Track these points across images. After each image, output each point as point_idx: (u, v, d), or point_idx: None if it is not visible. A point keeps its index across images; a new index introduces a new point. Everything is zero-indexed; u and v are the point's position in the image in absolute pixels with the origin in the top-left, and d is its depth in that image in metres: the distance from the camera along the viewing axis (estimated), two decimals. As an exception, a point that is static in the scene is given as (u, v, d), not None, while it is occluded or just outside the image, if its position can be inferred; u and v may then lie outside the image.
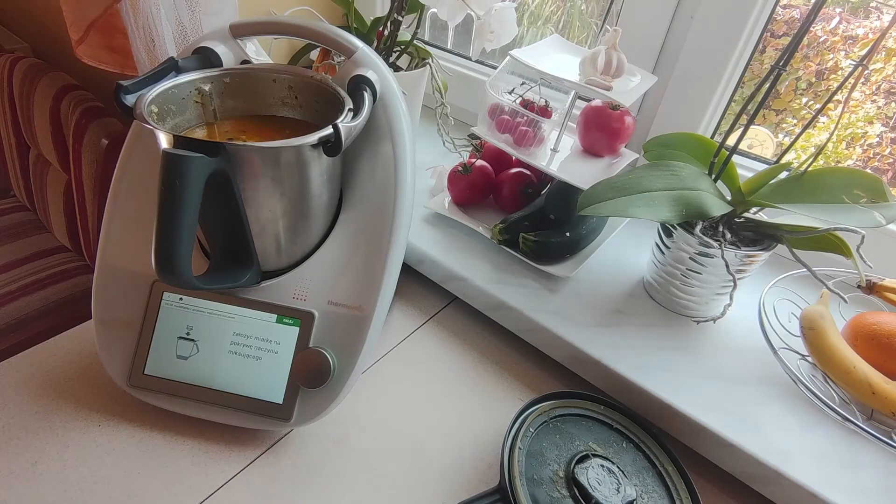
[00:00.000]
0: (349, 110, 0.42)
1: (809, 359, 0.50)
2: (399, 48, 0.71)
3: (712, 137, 0.69)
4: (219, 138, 0.45)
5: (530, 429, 0.46)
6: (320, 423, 0.48)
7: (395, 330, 0.61)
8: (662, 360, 0.52)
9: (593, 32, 1.12)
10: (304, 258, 0.47)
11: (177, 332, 0.46)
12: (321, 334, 0.45)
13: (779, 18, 0.86)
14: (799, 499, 0.43)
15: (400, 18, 0.63)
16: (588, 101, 0.65)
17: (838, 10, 0.90)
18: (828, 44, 0.92)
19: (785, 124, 0.95)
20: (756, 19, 0.61)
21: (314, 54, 0.81)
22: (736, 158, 0.59)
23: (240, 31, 0.47)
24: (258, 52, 0.52)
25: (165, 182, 0.34)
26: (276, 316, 0.46)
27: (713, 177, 0.53)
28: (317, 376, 0.44)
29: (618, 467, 0.43)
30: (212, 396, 0.45)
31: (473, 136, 0.69)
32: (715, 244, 0.50)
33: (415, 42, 0.70)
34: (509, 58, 0.59)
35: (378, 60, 0.47)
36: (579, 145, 0.66)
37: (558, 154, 0.64)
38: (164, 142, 0.35)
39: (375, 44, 0.68)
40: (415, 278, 0.66)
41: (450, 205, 0.68)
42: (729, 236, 0.50)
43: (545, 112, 0.65)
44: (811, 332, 0.50)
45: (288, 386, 0.45)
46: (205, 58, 0.45)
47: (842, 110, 0.46)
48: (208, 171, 0.35)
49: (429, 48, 0.73)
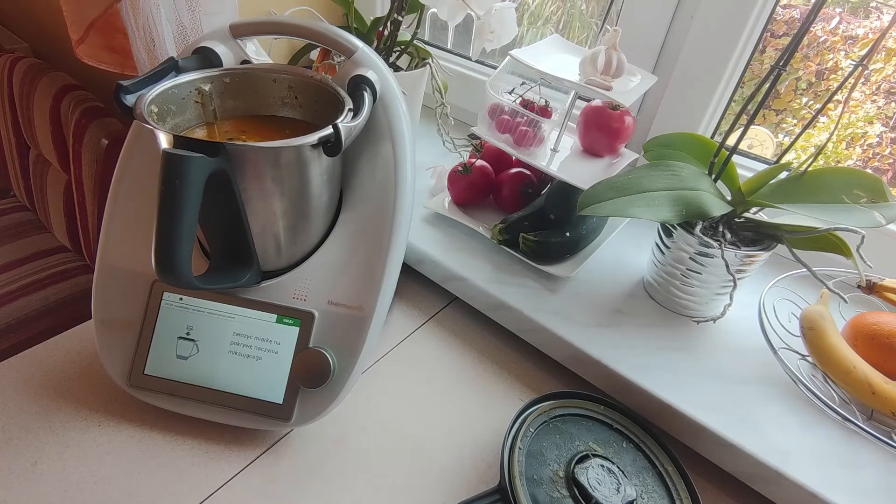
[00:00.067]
0: (349, 110, 0.42)
1: (809, 359, 0.50)
2: (399, 48, 0.71)
3: (712, 137, 0.69)
4: (219, 138, 0.45)
5: (530, 429, 0.46)
6: (320, 423, 0.48)
7: (395, 330, 0.61)
8: (662, 360, 0.52)
9: (593, 32, 1.12)
10: (304, 258, 0.47)
11: (177, 332, 0.46)
12: (321, 334, 0.46)
13: (779, 18, 0.86)
14: (799, 499, 0.43)
15: (400, 18, 0.63)
16: (588, 101, 0.65)
17: (838, 10, 0.90)
18: (828, 44, 0.92)
19: (785, 124, 0.95)
20: (756, 19, 0.61)
21: (314, 54, 0.81)
22: (736, 158, 0.59)
23: (240, 31, 0.47)
24: (258, 52, 0.52)
25: (165, 182, 0.34)
26: (276, 316, 0.46)
27: (713, 177, 0.53)
28: (317, 376, 0.44)
29: (618, 467, 0.43)
30: (212, 396, 0.45)
31: (473, 136, 0.69)
32: (715, 244, 0.50)
33: (415, 42, 0.70)
34: (509, 58, 0.59)
35: (378, 60, 0.47)
36: (579, 145, 0.66)
37: (558, 154, 0.64)
38: (164, 142, 0.35)
39: (375, 44, 0.68)
40: (415, 278, 0.66)
41: (450, 205, 0.68)
42: (729, 236, 0.50)
43: (545, 112, 0.65)
44: (811, 332, 0.50)
45: (288, 386, 0.45)
46: (205, 58, 0.45)
47: (842, 110, 0.46)
48: (208, 171, 0.35)
49: (429, 48, 0.73)
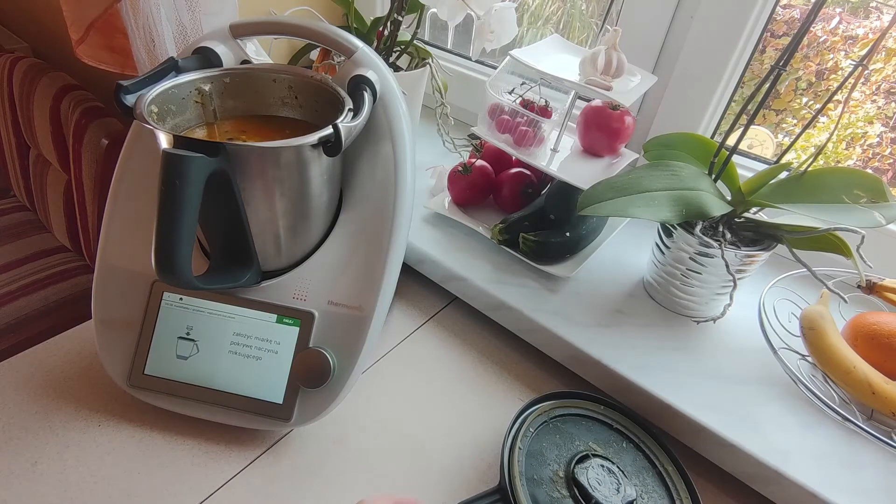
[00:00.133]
0: (349, 110, 0.42)
1: (809, 359, 0.50)
2: (399, 48, 0.71)
3: (712, 137, 0.69)
4: (219, 138, 0.45)
5: (530, 429, 0.46)
6: (320, 423, 0.48)
7: (395, 330, 0.61)
8: (662, 360, 0.52)
9: (593, 32, 1.12)
10: (304, 258, 0.47)
11: (177, 332, 0.46)
12: (321, 334, 0.46)
13: (779, 18, 0.86)
14: (799, 499, 0.43)
15: (400, 18, 0.63)
16: (588, 101, 0.65)
17: (838, 10, 0.90)
18: (828, 44, 0.92)
19: (785, 124, 0.95)
20: (756, 19, 0.61)
21: (314, 54, 0.81)
22: (736, 158, 0.59)
23: (240, 31, 0.47)
24: (258, 52, 0.52)
25: (165, 182, 0.34)
26: (276, 316, 0.46)
27: (713, 177, 0.53)
28: (317, 376, 0.44)
29: (618, 467, 0.43)
30: (212, 396, 0.45)
31: (473, 136, 0.69)
32: (715, 244, 0.50)
33: (415, 42, 0.70)
34: (509, 58, 0.59)
35: (378, 60, 0.47)
36: (579, 145, 0.66)
37: (558, 154, 0.64)
38: (164, 142, 0.35)
39: (375, 44, 0.68)
40: (415, 278, 0.66)
41: (450, 205, 0.68)
42: (729, 236, 0.50)
43: (545, 112, 0.65)
44: (811, 332, 0.50)
45: (288, 386, 0.45)
46: (205, 58, 0.45)
47: (842, 110, 0.46)
48: (208, 171, 0.35)
49: (429, 48, 0.73)
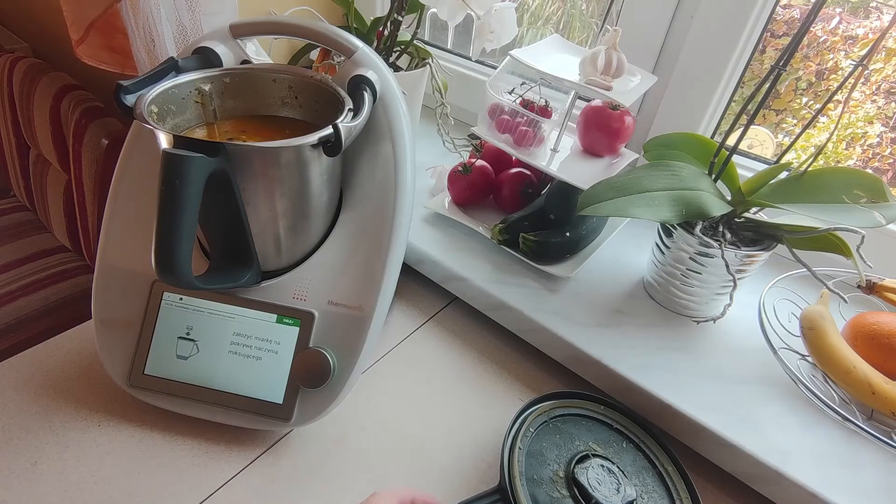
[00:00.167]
0: (349, 110, 0.42)
1: (809, 359, 0.50)
2: (399, 48, 0.71)
3: (712, 137, 0.69)
4: (219, 138, 0.45)
5: (530, 429, 0.46)
6: (320, 423, 0.48)
7: (395, 330, 0.61)
8: (662, 360, 0.52)
9: (593, 32, 1.12)
10: (304, 258, 0.47)
11: (177, 332, 0.46)
12: (321, 334, 0.46)
13: (779, 18, 0.86)
14: (799, 499, 0.43)
15: (400, 18, 0.63)
16: (588, 101, 0.65)
17: (838, 10, 0.90)
18: (828, 44, 0.92)
19: (785, 124, 0.95)
20: (756, 19, 0.61)
21: (314, 54, 0.81)
22: (736, 158, 0.59)
23: (240, 31, 0.47)
24: (258, 52, 0.52)
25: (165, 182, 0.34)
26: (276, 316, 0.46)
27: (713, 177, 0.53)
28: (317, 376, 0.44)
29: (618, 467, 0.43)
30: (212, 396, 0.45)
31: (473, 136, 0.69)
32: (715, 244, 0.50)
33: (415, 42, 0.70)
34: (509, 58, 0.59)
35: (378, 60, 0.47)
36: (579, 145, 0.66)
37: (558, 154, 0.64)
38: (164, 142, 0.35)
39: (375, 44, 0.68)
40: (415, 278, 0.66)
41: (450, 205, 0.68)
42: (729, 236, 0.50)
43: (545, 112, 0.65)
44: (811, 332, 0.50)
45: (288, 386, 0.45)
46: (205, 58, 0.45)
47: (842, 110, 0.46)
48: (208, 171, 0.35)
49: (429, 48, 0.73)
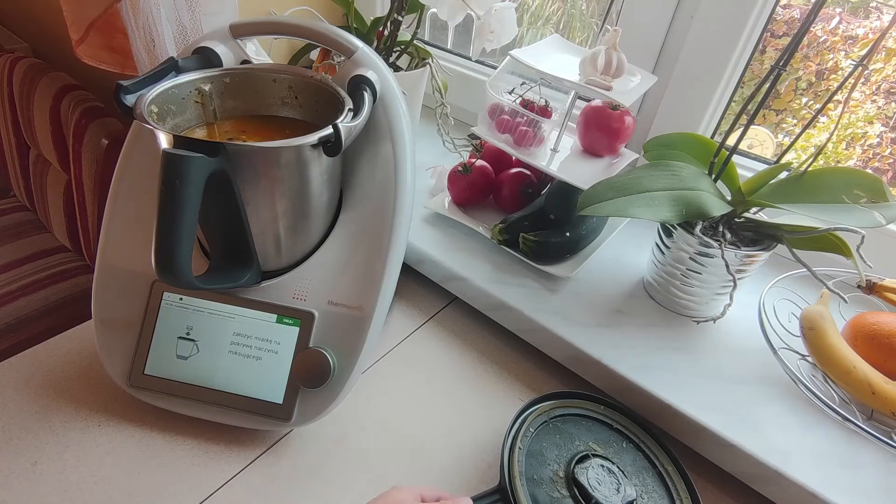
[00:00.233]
0: (349, 110, 0.42)
1: (809, 359, 0.50)
2: (399, 48, 0.71)
3: (712, 137, 0.69)
4: (219, 138, 0.45)
5: (530, 429, 0.46)
6: (320, 423, 0.48)
7: (395, 330, 0.61)
8: (662, 360, 0.52)
9: (593, 32, 1.12)
10: (304, 258, 0.47)
11: (177, 332, 0.46)
12: (321, 334, 0.46)
13: (779, 18, 0.85)
14: (799, 499, 0.43)
15: (400, 18, 0.63)
16: (588, 101, 0.65)
17: (838, 10, 0.90)
18: (828, 44, 0.92)
19: (785, 124, 0.95)
20: (756, 19, 0.61)
21: (314, 54, 0.81)
22: (736, 158, 0.59)
23: (240, 31, 0.47)
24: (258, 52, 0.52)
25: (165, 182, 0.34)
26: (276, 316, 0.46)
27: (713, 177, 0.53)
28: (317, 376, 0.44)
29: (618, 467, 0.43)
30: (212, 396, 0.45)
31: (473, 136, 0.69)
32: (715, 244, 0.50)
33: (415, 42, 0.70)
34: (509, 58, 0.59)
35: (378, 60, 0.47)
36: (579, 145, 0.66)
37: (558, 154, 0.64)
38: (164, 142, 0.35)
39: (375, 44, 0.68)
40: (415, 278, 0.66)
41: (450, 205, 0.68)
42: (729, 236, 0.50)
43: (545, 112, 0.65)
44: (811, 332, 0.50)
45: (288, 386, 0.45)
46: (205, 58, 0.45)
47: (842, 110, 0.46)
48: (208, 171, 0.35)
49: (429, 48, 0.73)
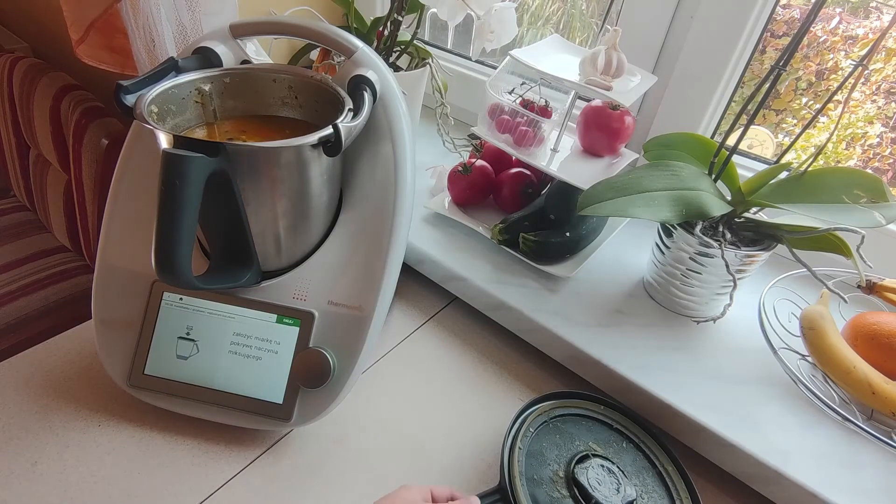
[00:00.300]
0: (349, 110, 0.42)
1: (809, 359, 0.50)
2: (399, 48, 0.71)
3: (712, 137, 0.69)
4: (219, 138, 0.45)
5: (530, 429, 0.46)
6: (320, 423, 0.48)
7: (395, 330, 0.61)
8: (662, 360, 0.52)
9: (593, 32, 1.12)
10: (304, 258, 0.47)
11: (177, 332, 0.46)
12: (321, 334, 0.46)
13: (779, 18, 0.85)
14: (799, 499, 0.43)
15: (400, 18, 0.63)
16: (588, 101, 0.65)
17: (838, 10, 0.90)
18: (828, 44, 0.92)
19: (785, 124, 0.95)
20: (756, 19, 0.61)
21: (314, 54, 0.81)
22: (736, 158, 0.59)
23: (240, 31, 0.47)
24: (258, 52, 0.52)
25: (165, 182, 0.34)
26: (276, 316, 0.46)
27: (713, 177, 0.53)
28: (317, 376, 0.44)
29: (618, 467, 0.43)
30: (212, 396, 0.45)
31: (473, 136, 0.69)
32: (715, 244, 0.50)
33: (415, 42, 0.70)
34: (509, 58, 0.59)
35: (378, 60, 0.47)
36: (579, 145, 0.66)
37: (558, 154, 0.64)
38: (164, 142, 0.35)
39: (375, 44, 0.68)
40: (415, 278, 0.66)
41: (450, 205, 0.68)
42: (729, 236, 0.50)
43: (545, 112, 0.65)
44: (811, 332, 0.50)
45: (288, 386, 0.45)
46: (205, 58, 0.45)
47: (842, 110, 0.46)
48: (208, 171, 0.35)
49: (429, 48, 0.73)
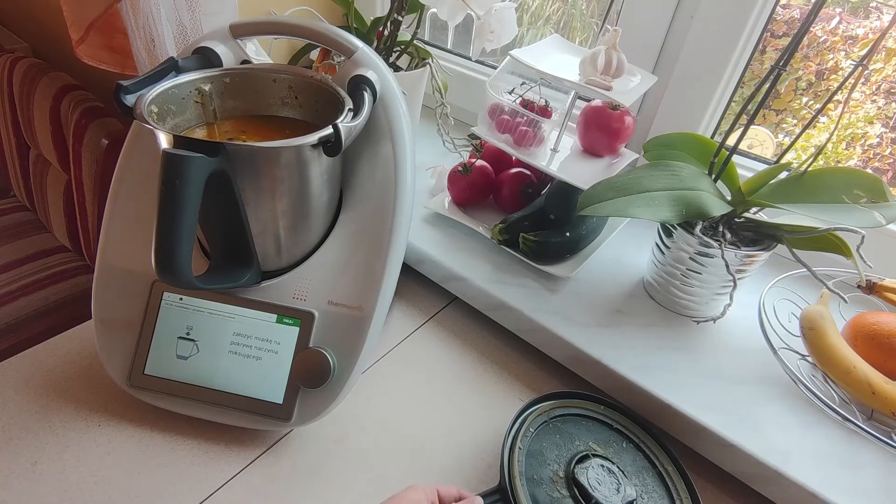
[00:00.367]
0: (349, 110, 0.42)
1: (809, 359, 0.50)
2: (399, 48, 0.71)
3: (712, 137, 0.69)
4: (219, 138, 0.45)
5: (530, 429, 0.46)
6: (320, 423, 0.48)
7: (395, 330, 0.61)
8: (662, 360, 0.52)
9: (593, 32, 1.12)
10: (304, 258, 0.47)
11: (177, 332, 0.46)
12: (321, 334, 0.46)
13: (779, 18, 0.85)
14: (799, 499, 0.43)
15: (400, 18, 0.63)
16: (588, 101, 0.65)
17: (838, 10, 0.90)
18: (828, 44, 0.92)
19: (785, 124, 0.95)
20: (756, 19, 0.61)
21: (314, 54, 0.81)
22: (736, 158, 0.59)
23: (240, 31, 0.47)
24: (258, 52, 0.52)
25: (165, 182, 0.34)
26: (276, 316, 0.46)
27: (713, 177, 0.53)
28: (317, 376, 0.44)
29: (618, 467, 0.43)
30: (212, 396, 0.45)
31: (473, 136, 0.69)
32: (715, 244, 0.50)
33: (415, 42, 0.70)
34: (509, 58, 0.59)
35: (378, 60, 0.47)
36: (579, 145, 0.66)
37: (558, 154, 0.64)
38: (164, 142, 0.35)
39: (375, 44, 0.68)
40: (415, 278, 0.66)
41: (450, 205, 0.68)
42: (729, 236, 0.50)
43: (545, 112, 0.65)
44: (811, 332, 0.50)
45: (288, 386, 0.45)
46: (205, 58, 0.45)
47: (842, 110, 0.46)
48: (208, 171, 0.35)
49: (429, 48, 0.73)
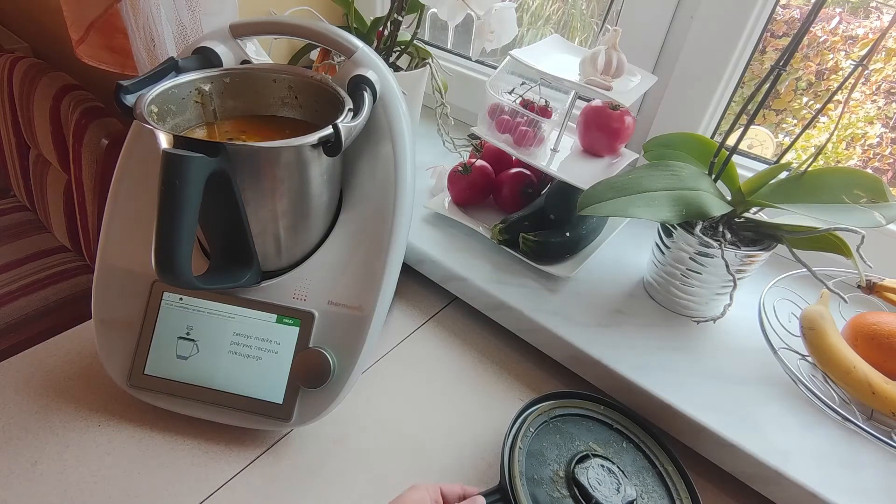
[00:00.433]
0: (349, 110, 0.42)
1: (809, 359, 0.50)
2: (399, 48, 0.71)
3: (712, 137, 0.69)
4: (219, 138, 0.45)
5: (530, 429, 0.46)
6: (320, 423, 0.48)
7: (395, 330, 0.61)
8: (662, 360, 0.52)
9: (593, 32, 1.12)
10: (304, 258, 0.47)
11: (177, 332, 0.46)
12: (321, 334, 0.46)
13: (779, 18, 0.85)
14: (799, 499, 0.43)
15: (400, 18, 0.63)
16: (588, 101, 0.65)
17: (838, 10, 0.90)
18: (828, 44, 0.92)
19: (785, 124, 0.95)
20: (756, 19, 0.61)
21: (314, 54, 0.81)
22: (736, 158, 0.59)
23: (240, 31, 0.47)
24: (258, 52, 0.52)
25: (165, 182, 0.34)
26: (276, 316, 0.46)
27: (713, 177, 0.53)
28: (317, 376, 0.44)
29: (618, 467, 0.43)
30: (212, 396, 0.45)
31: (473, 136, 0.69)
32: (715, 244, 0.50)
33: (415, 42, 0.70)
34: (509, 58, 0.59)
35: (378, 60, 0.47)
36: (579, 145, 0.66)
37: (558, 154, 0.64)
38: (164, 142, 0.35)
39: (375, 44, 0.68)
40: (415, 278, 0.66)
41: (450, 205, 0.68)
42: (729, 236, 0.50)
43: (545, 112, 0.65)
44: (811, 332, 0.50)
45: (288, 386, 0.45)
46: (205, 58, 0.45)
47: (842, 110, 0.46)
48: (208, 171, 0.35)
49: (429, 48, 0.73)
